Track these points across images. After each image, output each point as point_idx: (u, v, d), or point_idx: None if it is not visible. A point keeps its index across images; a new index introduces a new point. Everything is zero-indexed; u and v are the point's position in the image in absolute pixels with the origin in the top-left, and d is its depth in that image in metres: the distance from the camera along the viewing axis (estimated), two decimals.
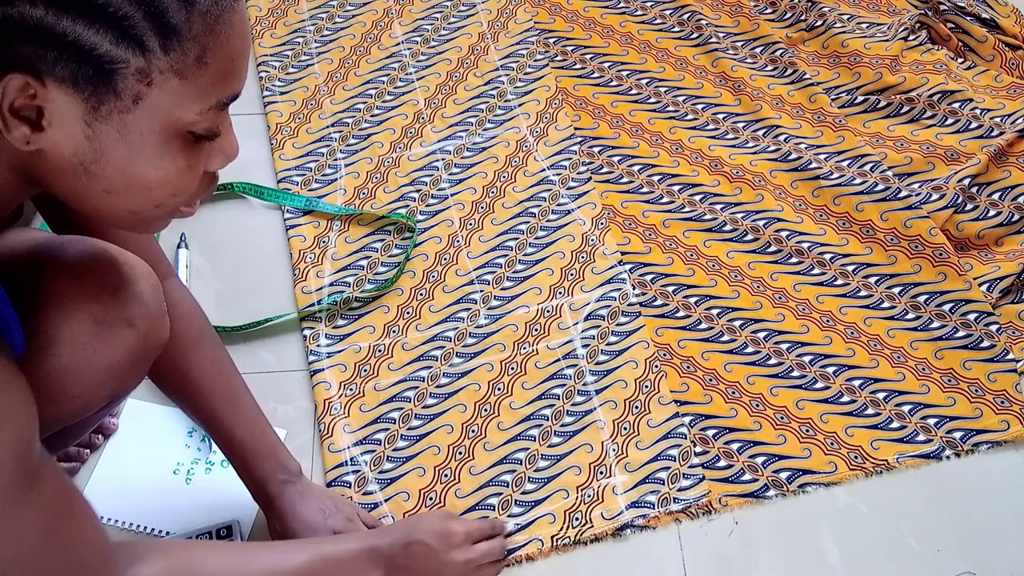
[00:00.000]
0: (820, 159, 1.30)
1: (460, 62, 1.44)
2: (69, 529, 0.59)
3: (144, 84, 0.50)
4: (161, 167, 0.55)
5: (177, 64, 0.50)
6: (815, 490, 1.01)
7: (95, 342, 0.67)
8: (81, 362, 0.67)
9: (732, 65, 1.42)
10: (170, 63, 0.50)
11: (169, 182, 0.56)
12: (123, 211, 0.57)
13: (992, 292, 1.15)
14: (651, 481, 1.01)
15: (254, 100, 1.38)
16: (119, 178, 0.54)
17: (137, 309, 0.71)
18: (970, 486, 1.02)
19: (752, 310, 1.15)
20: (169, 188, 0.56)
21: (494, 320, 1.14)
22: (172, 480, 1.00)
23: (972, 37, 1.44)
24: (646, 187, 1.28)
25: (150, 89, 0.51)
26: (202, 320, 0.88)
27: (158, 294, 0.74)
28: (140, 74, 0.50)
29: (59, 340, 0.66)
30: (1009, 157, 1.28)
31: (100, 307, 0.68)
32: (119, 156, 0.53)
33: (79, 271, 0.69)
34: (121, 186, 0.55)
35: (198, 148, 0.57)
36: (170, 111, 0.52)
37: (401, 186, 1.28)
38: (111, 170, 0.54)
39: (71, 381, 0.67)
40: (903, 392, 1.08)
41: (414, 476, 1.01)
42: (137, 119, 0.52)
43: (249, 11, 1.50)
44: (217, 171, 0.60)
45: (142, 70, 0.50)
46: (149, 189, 0.55)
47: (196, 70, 0.51)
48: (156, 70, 0.50)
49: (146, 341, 0.72)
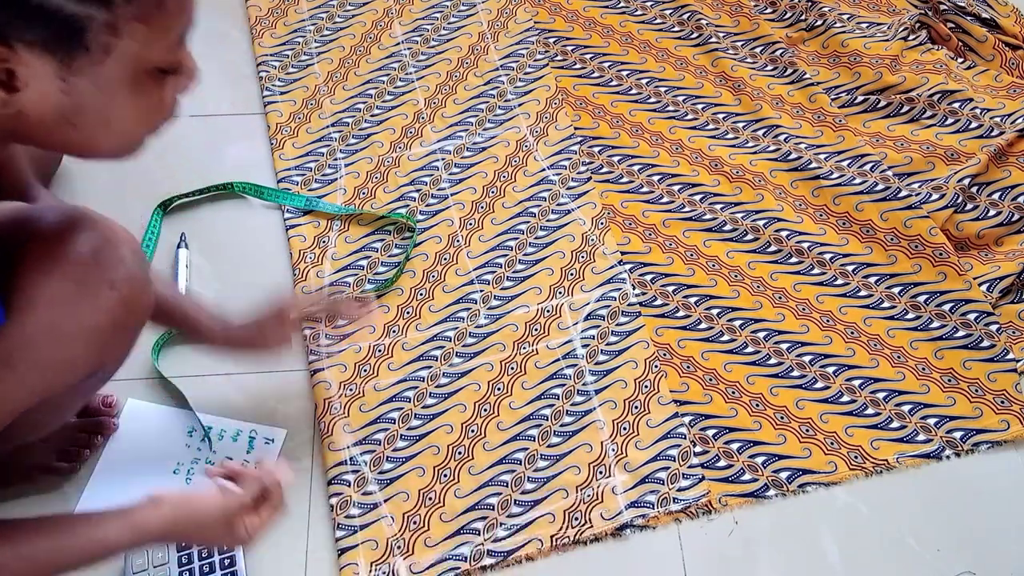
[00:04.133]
0: (820, 159, 1.29)
1: (460, 62, 1.44)
2: None
3: (112, 35, 0.53)
4: (138, 106, 0.59)
5: (138, 10, 0.53)
6: (815, 490, 1.01)
7: (76, 302, 0.67)
8: (62, 323, 0.66)
9: (732, 65, 1.42)
10: (132, 11, 0.53)
11: (147, 117, 0.61)
12: (113, 149, 0.62)
13: (992, 292, 1.15)
14: (651, 481, 1.01)
15: (254, 100, 1.38)
16: (101, 124, 0.58)
17: (119, 272, 0.70)
18: (970, 486, 1.02)
19: (752, 310, 1.15)
20: (147, 122, 0.61)
21: (494, 320, 1.14)
22: (172, 480, 1.00)
23: (972, 37, 1.44)
24: (646, 187, 1.28)
25: (119, 40, 0.54)
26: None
27: (140, 259, 0.73)
28: (108, 27, 0.53)
29: (39, 301, 0.65)
30: (1009, 157, 1.28)
31: (80, 268, 0.68)
32: (98, 105, 0.57)
33: (59, 235, 0.69)
34: (104, 130, 0.59)
35: (166, 81, 0.60)
36: (139, 54, 0.56)
37: (401, 186, 1.28)
38: (93, 118, 0.57)
39: (52, 343, 0.66)
40: (903, 392, 1.08)
41: (414, 476, 1.01)
42: (110, 68, 0.55)
43: (249, 11, 1.50)
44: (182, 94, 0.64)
45: (109, 23, 0.53)
46: (130, 127, 0.60)
47: (155, 11, 0.54)
48: (122, 20, 0.53)
49: (128, 305, 0.71)
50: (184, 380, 1.06)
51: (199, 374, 1.07)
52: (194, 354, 1.09)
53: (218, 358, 1.05)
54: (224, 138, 1.33)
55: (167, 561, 0.91)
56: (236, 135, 1.33)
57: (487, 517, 0.98)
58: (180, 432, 1.04)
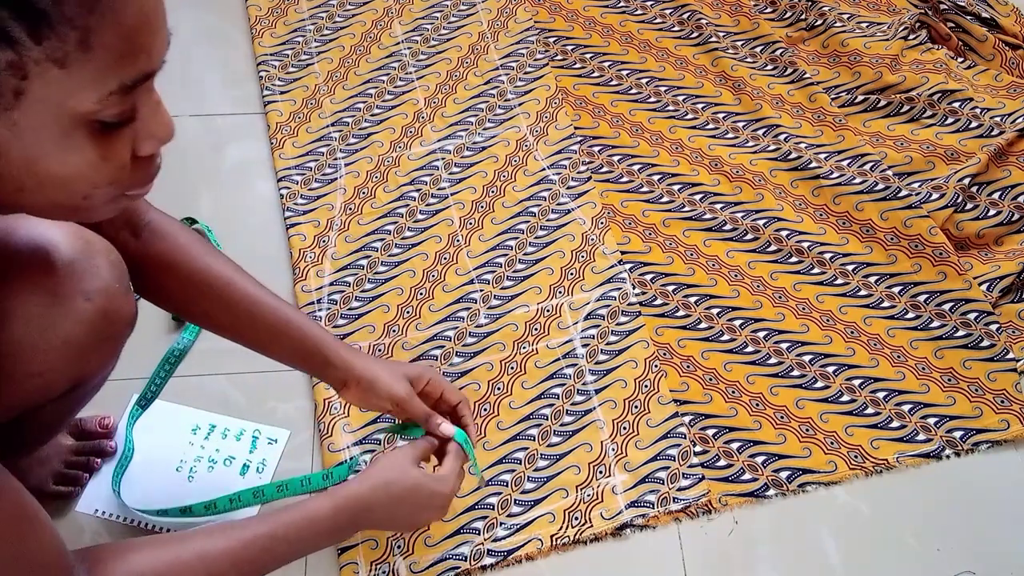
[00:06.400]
0: (820, 158, 1.29)
1: (460, 61, 1.44)
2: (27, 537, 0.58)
3: (19, 78, 0.45)
4: (68, 161, 0.50)
5: (54, 52, 0.45)
6: (815, 489, 1.01)
7: (49, 315, 0.66)
8: (35, 335, 0.65)
9: (732, 64, 1.42)
10: (45, 52, 0.44)
11: (84, 175, 0.51)
12: (48, 206, 0.53)
13: (992, 291, 1.15)
14: (651, 481, 1.01)
15: (254, 100, 1.38)
16: (27, 176, 0.50)
17: (94, 283, 0.69)
18: (970, 486, 1.02)
19: (752, 309, 1.15)
20: (87, 181, 0.51)
21: (494, 319, 1.14)
22: (175, 477, 1.00)
23: (972, 36, 1.44)
24: (646, 186, 1.28)
25: (28, 83, 0.45)
26: (204, 244, 0.85)
27: (118, 271, 0.72)
28: (12, 68, 0.45)
29: (11, 313, 0.64)
30: (1009, 156, 1.28)
31: (53, 280, 0.66)
32: (19, 154, 0.48)
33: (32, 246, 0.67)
34: (33, 183, 0.50)
35: (113, 136, 0.51)
36: (61, 102, 0.47)
37: (401, 185, 1.28)
38: (16, 169, 0.49)
39: (27, 356, 0.65)
40: (903, 391, 1.08)
41: None
42: (25, 115, 0.47)
43: (249, 11, 1.50)
44: (152, 153, 0.55)
45: (13, 63, 0.44)
46: (64, 184, 0.51)
47: (80, 55, 0.45)
48: (30, 62, 0.45)
49: (106, 317, 0.70)
50: (184, 379, 1.06)
51: (199, 374, 1.08)
52: (194, 354, 1.08)
53: (219, 357, 1.05)
54: (224, 138, 1.33)
55: None
56: (236, 135, 1.33)
57: (487, 516, 0.98)
58: (183, 430, 1.04)
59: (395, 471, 0.81)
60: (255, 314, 0.84)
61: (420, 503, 0.82)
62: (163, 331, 1.11)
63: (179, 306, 0.88)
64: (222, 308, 0.84)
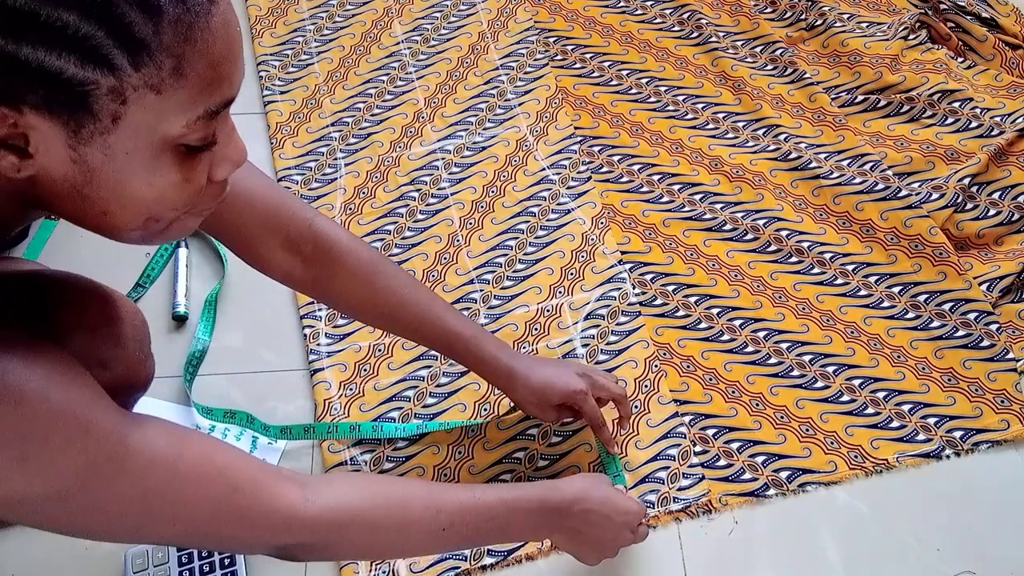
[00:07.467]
0: (820, 158, 1.29)
1: (460, 61, 1.44)
2: (225, 483, 0.61)
3: (119, 103, 0.48)
4: (155, 184, 0.53)
5: (151, 79, 0.48)
6: (815, 489, 1.01)
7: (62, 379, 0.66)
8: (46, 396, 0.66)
9: (732, 64, 1.42)
10: (143, 79, 0.48)
11: (166, 197, 0.54)
12: (126, 229, 0.55)
13: (992, 291, 1.15)
14: (651, 480, 1.01)
15: (254, 100, 1.38)
16: (114, 199, 0.52)
17: (113, 352, 0.69)
18: (970, 486, 1.02)
19: (752, 309, 1.15)
20: (167, 203, 0.54)
21: (494, 319, 1.14)
22: None
23: (972, 36, 1.44)
24: (646, 186, 1.28)
25: (126, 107, 0.48)
26: (366, 247, 0.89)
27: (140, 335, 0.72)
28: (113, 94, 0.48)
29: None
30: (1009, 156, 1.28)
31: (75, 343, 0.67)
32: (110, 177, 0.51)
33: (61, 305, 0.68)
34: (117, 206, 0.53)
35: (194, 159, 0.54)
36: (154, 127, 0.50)
37: (401, 185, 1.28)
38: (105, 191, 0.52)
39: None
40: (903, 391, 1.08)
41: (414, 476, 1.01)
42: (120, 139, 0.50)
43: (249, 11, 1.50)
44: (225, 178, 0.58)
45: (114, 89, 0.47)
46: (147, 206, 0.54)
47: (174, 82, 0.49)
48: (129, 88, 0.48)
49: (122, 383, 0.71)
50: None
51: (200, 374, 1.07)
52: None
53: (219, 357, 1.05)
54: None
55: (167, 560, 0.91)
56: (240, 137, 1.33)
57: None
58: None
59: (591, 478, 0.85)
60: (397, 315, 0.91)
61: (616, 512, 0.83)
62: (163, 331, 1.11)
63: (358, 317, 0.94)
64: (396, 324, 0.93)
